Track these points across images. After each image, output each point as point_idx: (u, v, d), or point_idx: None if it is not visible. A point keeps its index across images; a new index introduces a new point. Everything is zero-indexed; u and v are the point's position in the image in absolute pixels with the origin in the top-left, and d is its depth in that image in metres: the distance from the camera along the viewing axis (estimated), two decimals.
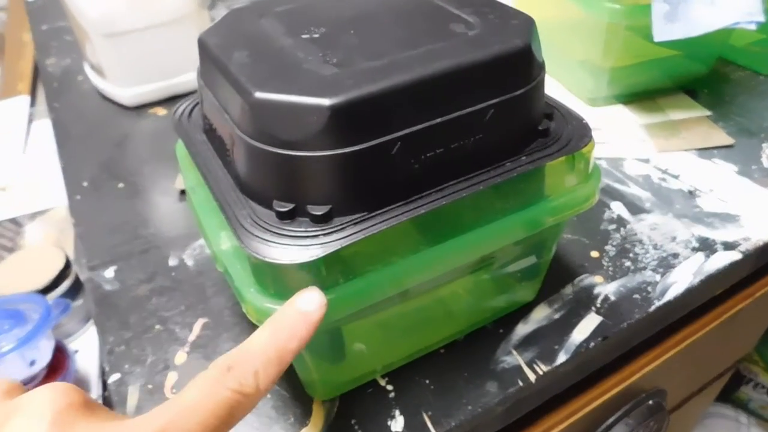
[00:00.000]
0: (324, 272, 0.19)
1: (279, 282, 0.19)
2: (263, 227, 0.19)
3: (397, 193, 0.20)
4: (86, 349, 0.58)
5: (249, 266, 0.20)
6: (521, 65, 0.21)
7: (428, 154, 0.20)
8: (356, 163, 0.19)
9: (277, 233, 0.19)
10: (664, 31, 0.40)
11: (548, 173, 0.23)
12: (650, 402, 0.36)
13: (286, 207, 0.20)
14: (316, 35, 0.22)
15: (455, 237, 0.21)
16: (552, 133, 0.23)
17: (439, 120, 0.20)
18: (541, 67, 0.23)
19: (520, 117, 0.22)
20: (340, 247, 0.19)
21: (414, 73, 0.19)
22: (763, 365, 0.82)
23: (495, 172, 0.22)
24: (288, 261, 0.18)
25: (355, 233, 0.19)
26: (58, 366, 0.49)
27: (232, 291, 0.32)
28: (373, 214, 0.20)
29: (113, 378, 0.29)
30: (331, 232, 0.19)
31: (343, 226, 0.19)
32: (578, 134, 0.23)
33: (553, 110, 0.25)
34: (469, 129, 0.21)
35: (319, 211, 0.19)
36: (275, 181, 0.20)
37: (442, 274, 0.22)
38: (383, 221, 0.19)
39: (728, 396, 0.83)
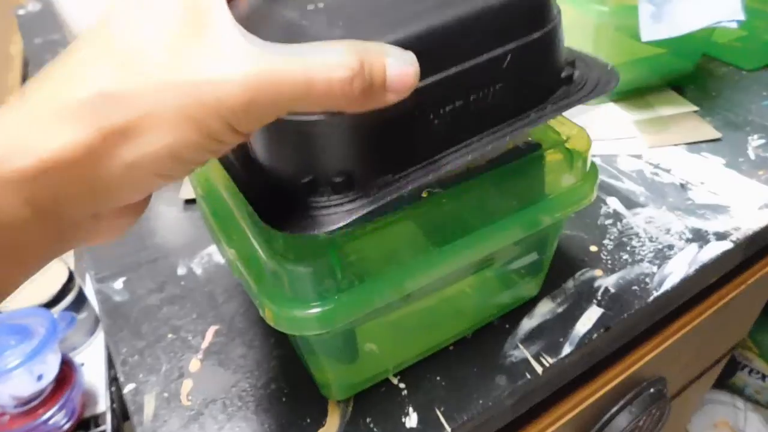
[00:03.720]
0: (339, 275, 0.20)
1: (295, 284, 0.20)
2: (285, 205, 0.19)
3: (418, 152, 0.19)
4: (92, 361, 0.58)
5: (266, 270, 0.20)
6: (535, 7, 0.20)
7: (448, 108, 0.19)
8: (374, 121, 0.18)
9: (300, 207, 0.19)
10: (652, 31, 0.41)
11: (548, 171, 0.24)
12: (652, 390, 0.37)
13: (307, 178, 0.19)
14: (321, 5, 0.22)
15: (460, 237, 0.22)
16: (576, 81, 0.22)
17: (455, 69, 0.19)
18: (558, 10, 0.22)
19: (540, 62, 0.21)
20: (365, 211, 0.18)
21: (425, 22, 0.18)
22: (757, 351, 0.84)
23: (520, 123, 0.21)
24: (315, 231, 0.18)
25: (378, 196, 0.18)
26: (65, 380, 0.50)
27: (246, 297, 0.33)
28: (396, 176, 0.19)
29: (129, 388, 0.29)
30: (355, 199, 0.19)
31: (366, 191, 0.19)
32: (604, 80, 0.22)
33: (575, 58, 0.23)
34: (488, 78, 0.20)
35: (340, 178, 0.19)
36: (295, 153, 0.19)
37: (449, 272, 0.22)
38: (407, 182, 0.19)
39: (725, 382, 0.85)
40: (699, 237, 0.35)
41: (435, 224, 0.21)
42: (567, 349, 0.29)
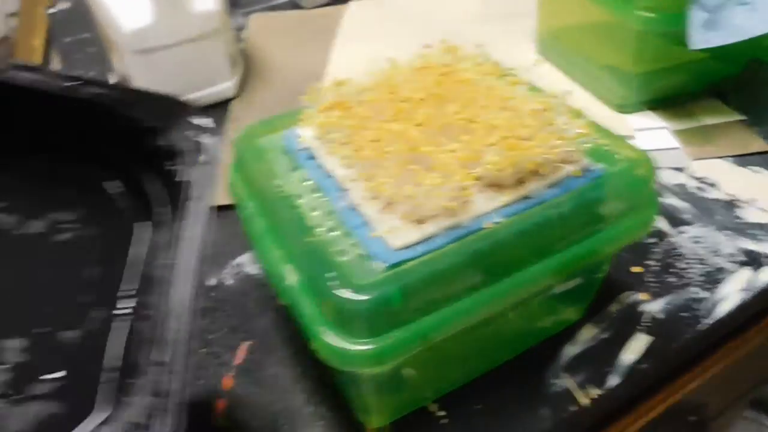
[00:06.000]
0: (398, 309, 0.19)
1: (351, 317, 0.19)
2: None
3: None
4: None
5: (320, 300, 0.19)
6: None
7: None
8: None
9: None
10: (702, 39, 0.39)
11: (610, 198, 0.23)
12: (694, 418, 0.36)
13: None
14: None
15: (520, 269, 0.21)
16: None
17: None
18: None
19: None
20: None
21: None
22: None
23: None
24: None
25: None
26: None
27: (280, 312, 0.32)
28: None
29: None
30: None
31: None
32: None
33: None
34: None
35: None
36: None
37: (507, 306, 0.21)
38: None
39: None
40: (752, 260, 0.33)
41: (493, 256, 0.20)
42: (614, 380, 0.28)
